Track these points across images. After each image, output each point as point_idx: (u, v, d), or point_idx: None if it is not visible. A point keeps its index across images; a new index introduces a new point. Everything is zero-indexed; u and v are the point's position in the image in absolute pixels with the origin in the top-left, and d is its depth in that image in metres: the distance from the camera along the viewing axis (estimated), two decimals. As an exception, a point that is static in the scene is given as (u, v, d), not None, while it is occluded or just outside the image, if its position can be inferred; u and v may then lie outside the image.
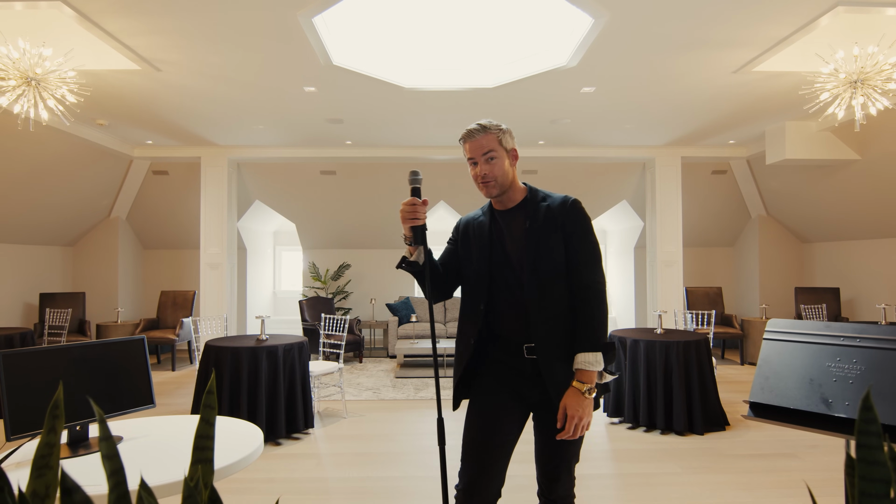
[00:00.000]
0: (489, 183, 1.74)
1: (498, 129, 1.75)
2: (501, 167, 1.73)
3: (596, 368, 1.64)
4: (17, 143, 5.47)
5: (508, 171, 1.76)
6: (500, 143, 1.74)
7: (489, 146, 1.73)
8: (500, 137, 1.74)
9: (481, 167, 1.74)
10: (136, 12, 3.44)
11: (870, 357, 1.65)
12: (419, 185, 1.73)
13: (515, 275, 1.73)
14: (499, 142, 1.73)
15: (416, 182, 1.74)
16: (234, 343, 4.23)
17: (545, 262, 1.70)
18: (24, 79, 3.67)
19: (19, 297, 6.96)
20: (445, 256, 1.92)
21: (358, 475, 3.51)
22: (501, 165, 1.73)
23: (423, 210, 1.71)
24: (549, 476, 1.76)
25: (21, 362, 1.63)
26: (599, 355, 1.65)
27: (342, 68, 4.37)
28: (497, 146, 1.73)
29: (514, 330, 1.74)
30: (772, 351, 1.89)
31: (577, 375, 1.64)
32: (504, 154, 1.74)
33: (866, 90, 3.88)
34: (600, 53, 4.15)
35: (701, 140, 6.92)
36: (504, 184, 1.75)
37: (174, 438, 1.87)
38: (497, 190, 1.76)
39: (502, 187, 1.76)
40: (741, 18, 3.60)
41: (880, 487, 0.81)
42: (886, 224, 6.66)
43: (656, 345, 4.32)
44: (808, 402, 1.71)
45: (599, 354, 1.65)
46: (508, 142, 1.76)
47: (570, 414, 1.61)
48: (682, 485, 3.31)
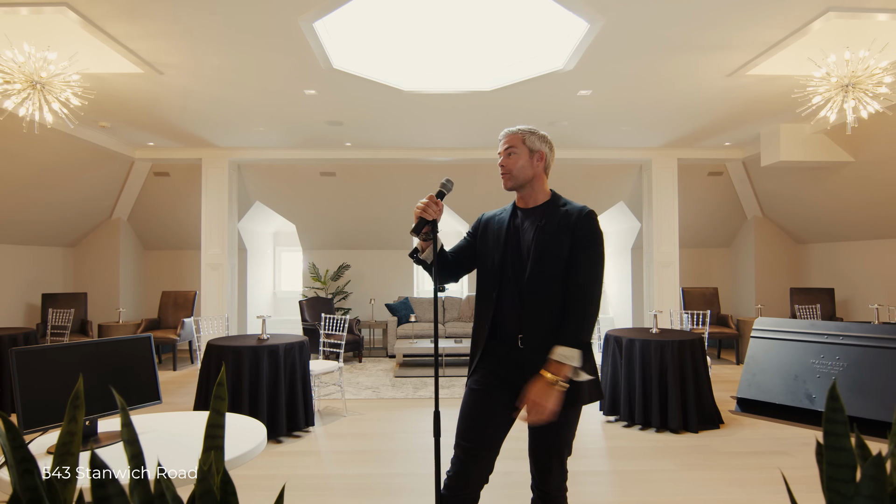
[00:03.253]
0: (505, 175, 1.90)
1: (527, 131, 1.91)
2: (517, 162, 1.88)
3: (570, 364, 1.69)
4: (20, 144, 5.52)
5: (525, 167, 1.88)
6: (522, 142, 1.89)
7: (512, 143, 1.90)
8: (524, 137, 1.90)
9: (502, 160, 1.91)
10: (139, 16, 3.50)
11: (852, 354, 1.71)
12: (443, 191, 1.87)
13: (522, 268, 1.82)
14: (522, 140, 1.89)
15: (443, 187, 1.88)
16: (236, 342, 4.29)
17: (549, 258, 1.79)
18: (29, 82, 3.73)
19: (21, 298, 7.01)
20: (459, 246, 2.03)
21: (357, 472, 3.56)
22: (517, 161, 1.88)
23: (435, 209, 1.81)
24: (541, 467, 1.82)
25: (33, 360, 1.69)
26: (577, 353, 1.70)
27: (342, 71, 4.43)
28: (519, 144, 1.89)
29: (512, 321, 1.82)
30: (759, 348, 1.95)
31: (550, 366, 1.69)
32: (525, 152, 1.88)
33: (857, 94, 3.95)
34: (596, 57, 4.21)
35: (697, 142, 6.99)
36: (519, 178, 1.88)
37: (180, 434, 1.93)
38: (511, 182, 1.90)
39: (516, 181, 1.89)
40: (735, 23, 3.67)
41: (846, 472, 0.87)
42: (881, 225, 6.73)
43: (651, 344, 4.38)
44: (793, 397, 1.77)
45: (578, 352, 1.70)
46: (534, 143, 1.89)
47: (532, 398, 1.67)
48: (676, 481, 3.37)
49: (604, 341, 4.80)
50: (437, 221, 1.80)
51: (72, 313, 6.50)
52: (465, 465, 1.78)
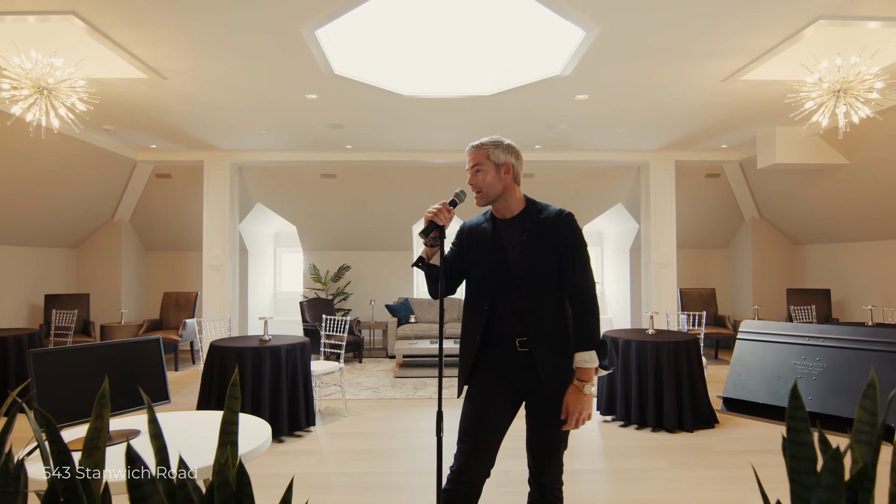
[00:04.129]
0: (477, 193, 1.94)
1: (491, 145, 1.92)
2: (485, 179, 1.91)
3: (592, 365, 1.83)
4: (24, 147, 5.60)
5: (494, 182, 1.92)
6: (487, 158, 1.91)
7: (477, 160, 1.93)
8: (488, 152, 1.92)
9: (471, 178, 1.95)
10: (144, 24, 3.58)
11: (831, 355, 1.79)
12: (456, 200, 1.91)
13: (514, 280, 1.90)
14: (486, 156, 1.92)
15: (457, 197, 1.93)
16: (239, 343, 4.37)
17: (540, 269, 1.88)
18: (36, 88, 3.81)
19: (24, 299, 7.09)
20: (451, 257, 2.07)
21: (358, 470, 3.64)
22: (485, 177, 1.91)
23: (447, 215, 1.87)
24: (539, 461, 1.92)
25: (50, 360, 1.77)
26: (594, 353, 1.83)
27: (343, 77, 4.51)
28: (484, 160, 1.92)
29: (510, 327, 1.91)
30: (744, 350, 2.03)
31: (577, 374, 1.84)
32: (491, 167, 1.91)
33: (849, 99, 4.02)
34: (593, 63, 4.29)
35: (694, 144, 7.07)
36: (490, 194, 1.93)
37: (186, 432, 2.01)
38: (483, 200, 1.94)
39: (487, 197, 1.93)
40: (727, 30, 3.74)
41: (807, 465, 0.95)
42: (876, 226, 6.80)
43: (647, 345, 4.46)
44: (776, 396, 1.85)
45: (594, 352, 1.84)
46: (499, 156, 1.92)
47: (572, 410, 1.82)
48: (670, 479, 3.45)
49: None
50: (445, 228, 1.88)
51: (75, 314, 6.58)
52: (468, 460, 1.87)
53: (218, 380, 4.18)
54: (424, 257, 1.92)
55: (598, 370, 1.87)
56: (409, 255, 9.15)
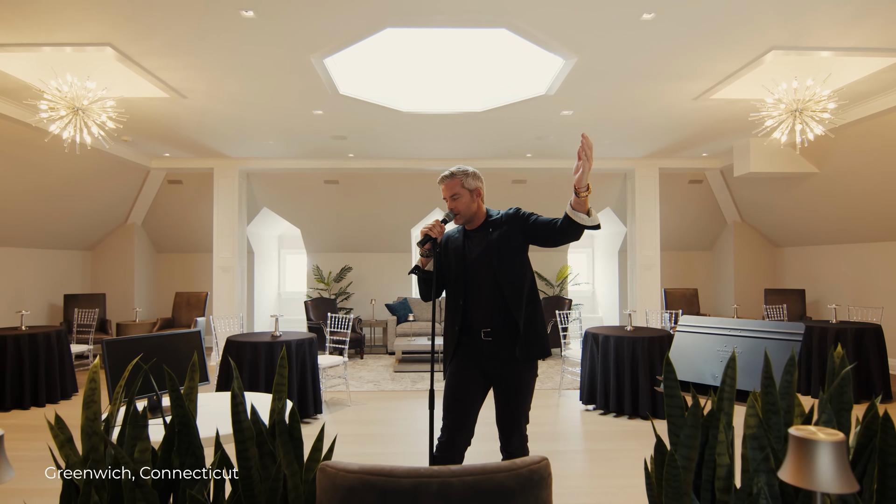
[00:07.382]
0: (456, 215, 2.39)
1: (462, 174, 2.37)
2: (463, 203, 2.37)
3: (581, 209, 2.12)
4: (45, 157, 5.97)
5: (470, 205, 2.39)
6: (461, 185, 2.36)
7: (454, 189, 2.37)
8: (462, 181, 2.36)
9: (449, 203, 2.39)
10: (171, 53, 4.01)
11: (745, 343, 2.23)
12: (447, 219, 2.38)
13: (482, 280, 2.34)
14: (461, 184, 2.36)
15: (447, 216, 2.39)
16: (253, 339, 4.80)
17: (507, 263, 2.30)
18: (71, 108, 4.22)
19: (44, 298, 7.52)
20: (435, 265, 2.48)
21: (360, 451, 4.08)
22: (462, 202, 2.37)
23: (440, 230, 2.30)
24: (505, 433, 2.37)
25: (117, 348, 2.20)
26: (583, 216, 2.12)
27: (348, 96, 4.94)
28: (459, 188, 2.37)
29: (479, 321, 2.34)
30: (682, 340, 2.47)
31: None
32: (466, 194, 2.37)
33: (804, 118, 4.45)
34: (575, 84, 4.72)
35: (676, 153, 7.50)
36: (467, 215, 2.40)
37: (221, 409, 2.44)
38: (462, 220, 2.42)
39: (465, 217, 2.40)
40: (694, 56, 4.17)
41: (678, 411, 1.39)
42: (846, 231, 7.24)
43: (625, 340, 4.89)
44: (702, 377, 2.29)
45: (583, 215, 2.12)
46: (470, 183, 2.37)
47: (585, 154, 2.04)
48: (639, 458, 3.88)
49: (583, 338, 5.32)
50: (438, 241, 2.30)
51: (96, 313, 7.00)
52: (452, 433, 2.31)
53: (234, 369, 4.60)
54: (420, 265, 2.34)
55: (590, 212, 2.11)
56: (408, 257, 9.58)
